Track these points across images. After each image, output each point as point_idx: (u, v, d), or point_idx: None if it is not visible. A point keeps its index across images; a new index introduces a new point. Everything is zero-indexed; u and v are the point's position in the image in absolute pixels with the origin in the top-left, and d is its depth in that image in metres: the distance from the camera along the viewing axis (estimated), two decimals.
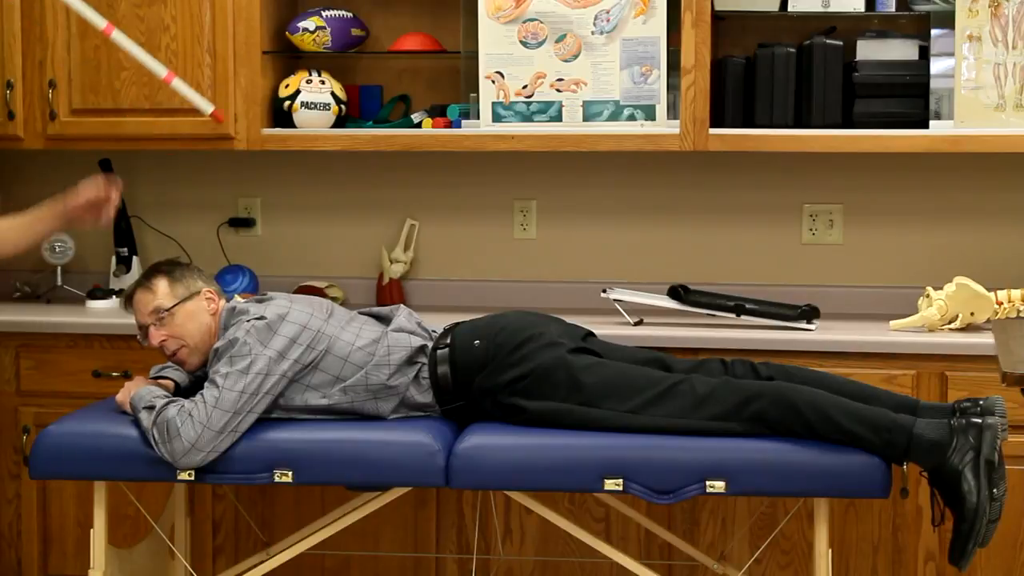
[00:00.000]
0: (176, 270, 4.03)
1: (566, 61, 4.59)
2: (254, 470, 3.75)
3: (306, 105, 4.75)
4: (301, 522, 4.43)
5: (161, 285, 3.98)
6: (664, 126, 4.56)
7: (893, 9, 4.62)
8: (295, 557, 3.95)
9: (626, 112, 4.58)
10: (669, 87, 4.56)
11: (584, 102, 4.59)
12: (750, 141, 4.55)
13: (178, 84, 4.09)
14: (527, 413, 3.79)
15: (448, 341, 3.93)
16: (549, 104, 4.61)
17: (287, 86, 4.78)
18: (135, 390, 3.85)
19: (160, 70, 4.08)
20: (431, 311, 4.65)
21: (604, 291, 4.57)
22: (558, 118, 4.61)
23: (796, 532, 4.35)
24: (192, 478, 3.74)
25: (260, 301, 3.98)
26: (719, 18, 4.64)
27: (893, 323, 4.41)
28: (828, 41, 4.59)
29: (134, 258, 5.02)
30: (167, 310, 3.94)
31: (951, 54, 4.47)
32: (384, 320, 4.05)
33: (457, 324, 4.01)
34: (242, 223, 5.13)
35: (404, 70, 5.01)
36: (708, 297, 4.57)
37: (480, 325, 3.98)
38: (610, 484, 3.66)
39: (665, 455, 3.66)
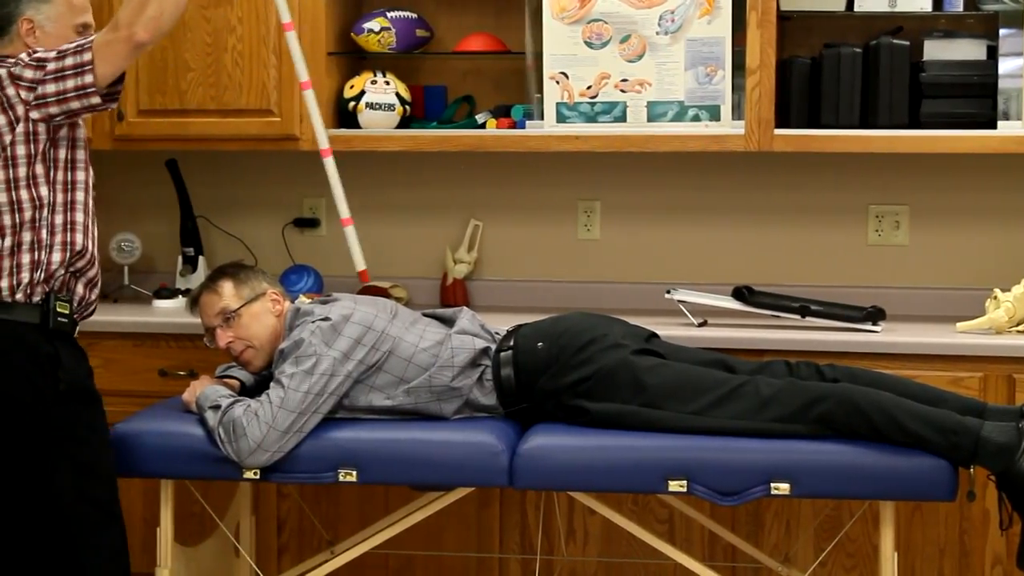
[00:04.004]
0: (241, 272, 4.06)
1: (630, 62, 4.58)
2: (319, 469, 3.76)
3: (371, 106, 4.77)
4: (365, 521, 4.45)
5: (227, 287, 4.01)
6: (729, 126, 4.55)
7: (961, 8, 4.58)
8: (359, 556, 3.97)
9: (691, 113, 4.57)
10: (734, 87, 4.55)
11: (648, 103, 4.58)
12: (815, 142, 4.53)
13: None
14: (590, 414, 3.79)
15: (511, 343, 3.94)
16: (613, 105, 4.61)
17: (352, 87, 4.80)
18: (201, 389, 3.88)
19: None
20: (495, 311, 4.65)
21: (668, 292, 4.56)
22: (622, 119, 4.61)
23: (861, 535, 4.33)
24: (257, 477, 3.76)
25: (325, 302, 4.00)
26: (785, 18, 4.62)
27: (960, 325, 4.38)
28: (894, 41, 4.56)
29: (200, 258, 5.05)
30: (233, 311, 3.97)
31: (1020, 54, 4.44)
32: (447, 322, 4.06)
33: (520, 326, 4.02)
34: (307, 223, 5.16)
35: (468, 71, 5.01)
36: (773, 298, 4.55)
37: (543, 327, 3.98)
38: (674, 485, 3.65)
39: (729, 456, 3.65)
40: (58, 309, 3.61)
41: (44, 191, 3.59)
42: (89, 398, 3.68)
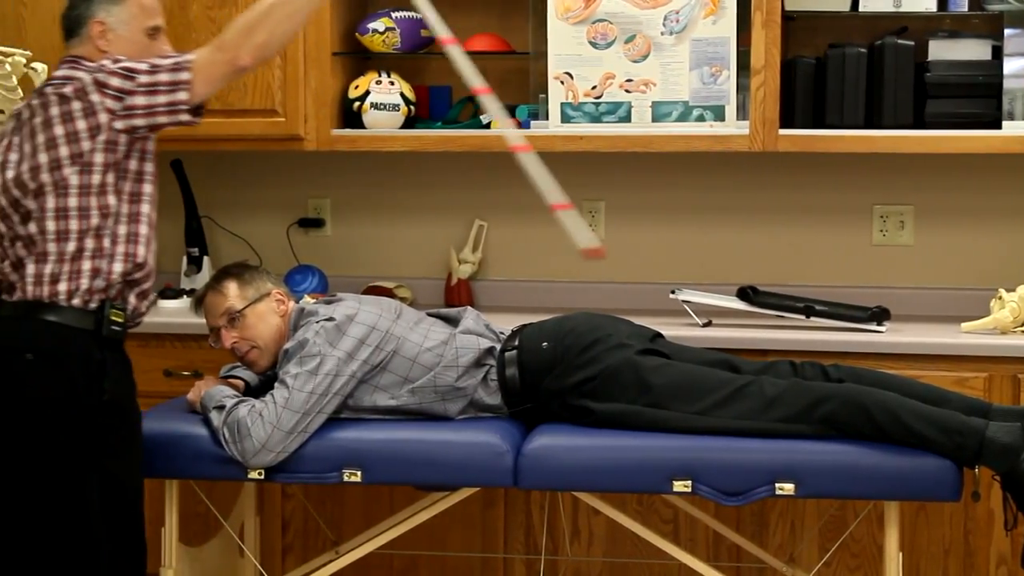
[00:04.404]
0: (245, 272, 4.06)
1: (635, 62, 4.58)
2: (323, 469, 3.76)
3: (375, 106, 4.77)
4: (370, 521, 4.44)
5: (231, 287, 4.01)
6: (733, 127, 4.54)
7: (966, 8, 4.57)
8: (363, 556, 3.96)
9: (695, 113, 4.57)
10: (739, 88, 4.55)
11: (653, 103, 4.58)
12: (820, 142, 4.53)
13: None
14: (595, 414, 3.79)
15: (516, 343, 3.94)
16: (618, 105, 4.60)
17: (357, 87, 4.80)
18: (206, 389, 3.88)
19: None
20: (499, 312, 4.65)
21: (673, 292, 4.56)
22: (627, 119, 4.60)
23: (866, 535, 4.33)
24: (262, 477, 3.76)
25: (329, 302, 4.00)
26: (789, 18, 4.61)
27: (964, 325, 4.37)
28: (899, 41, 4.56)
29: (205, 258, 5.05)
30: (238, 312, 3.97)
31: None
32: (451, 322, 4.06)
33: (525, 326, 4.02)
34: (312, 223, 5.16)
35: None
36: (777, 298, 4.55)
37: (548, 327, 3.98)
38: (679, 485, 3.65)
39: (734, 457, 3.64)
40: (112, 317, 3.57)
41: (112, 200, 3.57)
42: (131, 410, 3.67)
